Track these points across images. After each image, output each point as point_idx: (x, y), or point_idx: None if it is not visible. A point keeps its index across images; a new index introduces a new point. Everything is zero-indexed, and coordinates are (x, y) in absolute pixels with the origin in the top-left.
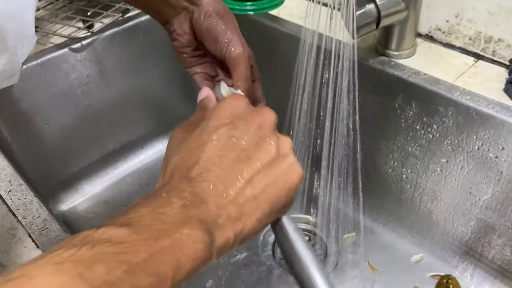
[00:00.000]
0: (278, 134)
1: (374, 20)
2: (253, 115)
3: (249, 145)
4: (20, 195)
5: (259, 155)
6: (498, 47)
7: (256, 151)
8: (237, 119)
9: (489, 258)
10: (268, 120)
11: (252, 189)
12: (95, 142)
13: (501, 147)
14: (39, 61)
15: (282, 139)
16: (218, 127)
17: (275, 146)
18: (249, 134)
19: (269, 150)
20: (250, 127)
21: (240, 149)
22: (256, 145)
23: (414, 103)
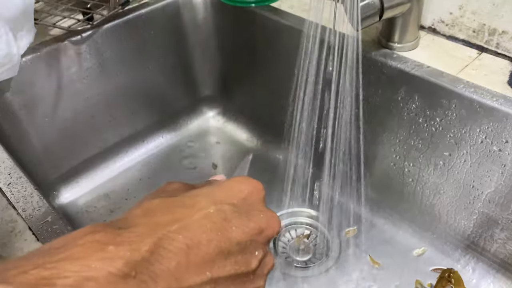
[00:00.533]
0: (267, 251)
1: (377, 12)
2: (262, 212)
3: (238, 242)
4: (20, 188)
5: (240, 260)
6: (502, 40)
7: (240, 253)
8: (245, 205)
9: (492, 252)
10: (271, 230)
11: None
12: (95, 135)
13: (505, 140)
14: (38, 53)
15: (267, 259)
16: (222, 201)
17: (258, 262)
18: (244, 231)
19: (251, 262)
20: (251, 224)
21: (227, 239)
22: (243, 248)
23: (417, 96)
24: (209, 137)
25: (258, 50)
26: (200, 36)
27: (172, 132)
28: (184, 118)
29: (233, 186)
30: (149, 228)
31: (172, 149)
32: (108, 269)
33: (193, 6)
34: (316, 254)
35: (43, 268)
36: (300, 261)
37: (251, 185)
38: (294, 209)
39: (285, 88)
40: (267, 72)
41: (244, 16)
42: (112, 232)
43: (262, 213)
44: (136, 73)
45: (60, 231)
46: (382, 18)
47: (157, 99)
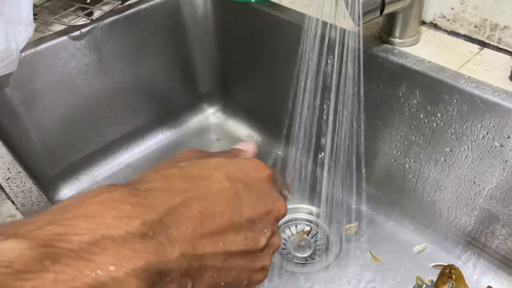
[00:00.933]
0: (275, 231)
1: (378, 6)
2: (271, 196)
3: (247, 219)
4: (19, 183)
5: (250, 237)
6: (503, 35)
7: (250, 230)
8: (258, 183)
9: (493, 248)
10: (277, 211)
11: (223, 262)
12: (95, 131)
13: (507, 136)
14: (37, 49)
15: (274, 239)
16: (238, 177)
17: (266, 240)
18: (255, 209)
19: (260, 239)
20: (262, 206)
21: (238, 214)
22: (254, 225)
23: (418, 91)
24: (209, 134)
25: (259, 46)
26: (200, 32)
27: (172, 128)
28: (184, 115)
29: (246, 165)
30: (166, 192)
31: (172, 145)
32: (126, 228)
33: (193, 2)
34: (316, 250)
35: (58, 224)
36: (300, 257)
37: (262, 168)
38: (294, 205)
39: (286, 85)
40: (268, 68)
41: (244, 11)
42: (129, 192)
43: (270, 194)
44: (136, 69)
45: None
46: (383, 13)
47: (157, 96)
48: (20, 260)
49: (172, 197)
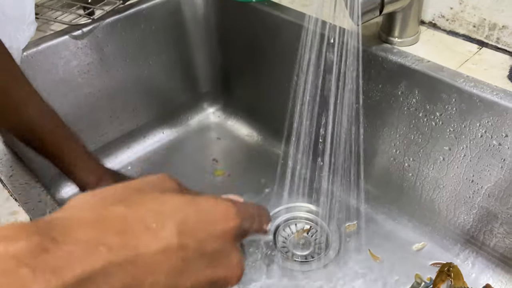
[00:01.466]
0: None
1: (378, 6)
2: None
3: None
4: (22, 180)
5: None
6: (502, 34)
7: None
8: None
9: (491, 246)
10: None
11: None
12: (96, 130)
13: (505, 134)
14: (39, 48)
15: None
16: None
17: None
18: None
19: None
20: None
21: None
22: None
23: (417, 90)
24: (209, 133)
25: (259, 46)
26: (200, 32)
27: (173, 127)
28: (185, 114)
29: (211, 210)
30: (88, 247)
31: (173, 144)
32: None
33: (194, 2)
34: (316, 248)
35: None
36: (300, 256)
37: (229, 217)
38: (294, 204)
39: (286, 84)
40: (268, 67)
41: (245, 11)
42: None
43: (226, 258)
44: (137, 69)
45: None
46: (382, 12)
47: (158, 95)
48: None
49: (92, 257)
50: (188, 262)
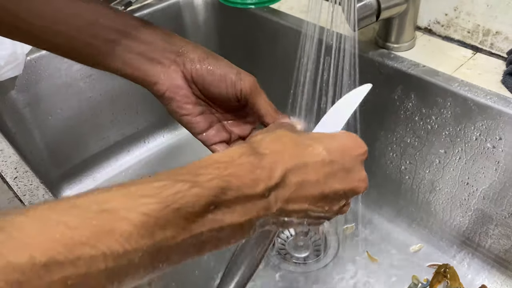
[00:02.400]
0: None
1: (374, 12)
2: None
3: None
4: (26, 181)
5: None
6: (496, 40)
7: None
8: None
9: (486, 248)
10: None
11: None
12: (98, 133)
13: (499, 137)
14: (42, 52)
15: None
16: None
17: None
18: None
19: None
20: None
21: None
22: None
23: (413, 94)
24: None
25: (258, 51)
26: (200, 37)
27: (173, 131)
28: None
29: (345, 141)
30: (281, 157)
31: (173, 148)
32: (256, 190)
33: (194, 8)
34: (314, 250)
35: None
36: (299, 258)
37: (359, 145)
38: None
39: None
40: (267, 72)
41: (244, 17)
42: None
43: (359, 172)
44: None
45: None
46: (379, 18)
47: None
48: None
49: (284, 163)
50: (335, 171)
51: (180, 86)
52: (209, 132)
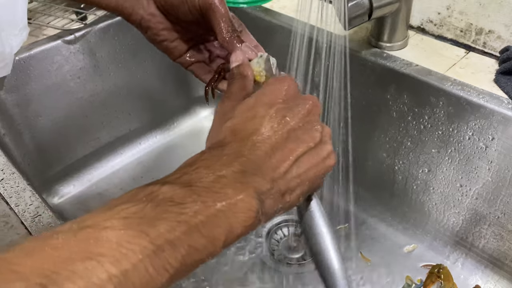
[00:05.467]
0: (322, 123)
1: (366, 11)
2: (304, 99)
3: (298, 127)
4: (13, 183)
5: (306, 138)
6: (488, 39)
7: (304, 134)
8: (290, 100)
9: (480, 248)
10: (316, 108)
11: (298, 168)
12: (89, 134)
13: (491, 137)
14: (31, 52)
15: (325, 128)
16: (274, 104)
17: (320, 133)
18: (299, 117)
19: (315, 135)
20: (301, 110)
21: (291, 129)
22: (304, 128)
23: (406, 94)
24: (202, 137)
25: None
26: None
27: (166, 132)
28: (178, 118)
29: (275, 87)
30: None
31: (166, 148)
32: (232, 169)
33: None
34: (308, 251)
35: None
36: (292, 259)
37: (286, 81)
38: None
39: None
40: None
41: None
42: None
43: (303, 99)
44: (129, 73)
45: (53, 225)
46: (371, 17)
47: (151, 99)
48: (177, 197)
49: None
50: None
51: (153, 13)
52: (186, 55)
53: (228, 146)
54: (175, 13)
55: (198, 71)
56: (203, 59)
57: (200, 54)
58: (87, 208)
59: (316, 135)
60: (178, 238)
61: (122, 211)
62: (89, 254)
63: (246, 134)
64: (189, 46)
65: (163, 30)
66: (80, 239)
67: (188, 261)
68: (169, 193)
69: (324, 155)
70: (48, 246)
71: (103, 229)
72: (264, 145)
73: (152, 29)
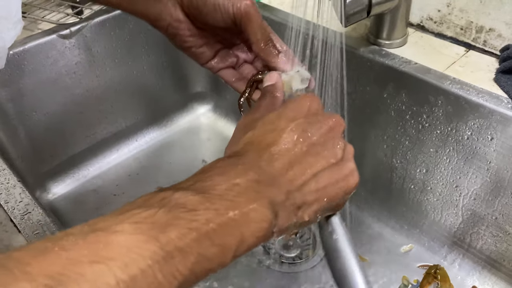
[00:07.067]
0: (345, 141)
1: (365, 8)
2: (326, 117)
3: (319, 143)
4: (3, 180)
5: (327, 154)
6: (489, 37)
7: (324, 150)
8: (312, 116)
9: (477, 249)
10: (339, 125)
11: (316, 183)
12: (84, 131)
13: (490, 137)
14: (26, 47)
15: (348, 146)
16: (295, 118)
17: (341, 151)
18: (321, 133)
19: (336, 152)
20: (323, 127)
21: (311, 144)
22: (325, 144)
23: (404, 92)
24: (199, 134)
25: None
26: None
27: (163, 128)
28: (175, 114)
29: (299, 103)
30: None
31: (162, 145)
32: (247, 178)
33: None
34: (303, 250)
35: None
36: (288, 257)
37: (309, 99)
38: None
39: None
40: None
41: None
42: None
43: (325, 115)
44: (126, 69)
45: (42, 223)
46: (370, 14)
47: (147, 95)
48: (190, 203)
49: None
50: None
51: (180, 20)
52: (213, 60)
53: (245, 155)
54: (203, 19)
55: (227, 77)
56: (231, 65)
57: (227, 59)
58: (82, 205)
59: (337, 152)
60: (188, 245)
61: (133, 215)
62: (98, 257)
63: (264, 145)
64: (216, 51)
65: (190, 36)
66: (90, 242)
67: (198, 270)
68: (182, 199)
69: (346, 172)
70: (58, 247)
71: (113, 233)
72: (282, 157)
73: (179, 36)
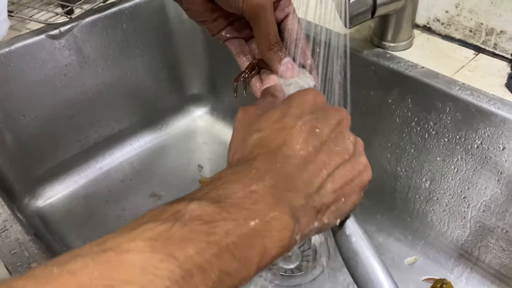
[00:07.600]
0: (354, 135)
1: (370, 8)
2: (333, 111)
3: (330, 139)
4: None
5: (339, 151)
6: (500, 40)
7: (336, 146)
8: (318, 111)
9: (486, 262)
10: (346, 118)
11: (332, 183)
12: (75, 135)
13: (502, 147)
14: (12, 48)
15: (358, 140)
16: (302, 115)
17: (352, 145)
18: (330, 128)
19: (348, 147)
20: (331, 121)
21: (322, 141)
22: (336, 140)
23: (410, 98)
24: (196, 137)
25: None
26: (186, 32)
27: (157, 132)
28: (170, 118)
29: (302, 99)
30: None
31: (157, 149)
32: (263, 183)
33: None
34: (304, 261)
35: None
36: (287, 269)
37: (312, 93)
38: None
39: None
40: None
41: None
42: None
43: (331, 110)
44: (119, 70)
45: (20, 241)
46: (374, 15)
47: (142, 98)
48: (206, 214)
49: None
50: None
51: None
52: (224, 31)
53: (257, 159)
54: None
55: (233, 47)
56: (241, 36)
57: (239, 30)
58: (73, 212)
59: (349, 147)
60: (208, 261)
61: (146, 231)
62: (110, 280)
63: (275, 146)
64: (229, 22)
65: (204, 12)
66: (101, 263)
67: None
68: (197, 210)
69: (360, 168)
70: (67, 272)
71: (125, 251)
72: (296, 158)
73: (193, 11)
